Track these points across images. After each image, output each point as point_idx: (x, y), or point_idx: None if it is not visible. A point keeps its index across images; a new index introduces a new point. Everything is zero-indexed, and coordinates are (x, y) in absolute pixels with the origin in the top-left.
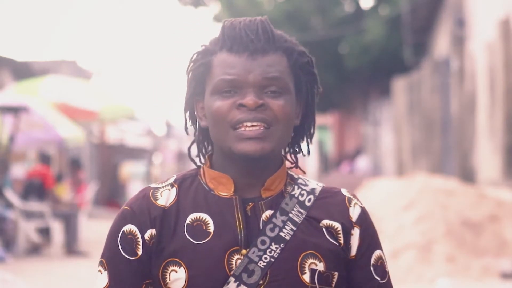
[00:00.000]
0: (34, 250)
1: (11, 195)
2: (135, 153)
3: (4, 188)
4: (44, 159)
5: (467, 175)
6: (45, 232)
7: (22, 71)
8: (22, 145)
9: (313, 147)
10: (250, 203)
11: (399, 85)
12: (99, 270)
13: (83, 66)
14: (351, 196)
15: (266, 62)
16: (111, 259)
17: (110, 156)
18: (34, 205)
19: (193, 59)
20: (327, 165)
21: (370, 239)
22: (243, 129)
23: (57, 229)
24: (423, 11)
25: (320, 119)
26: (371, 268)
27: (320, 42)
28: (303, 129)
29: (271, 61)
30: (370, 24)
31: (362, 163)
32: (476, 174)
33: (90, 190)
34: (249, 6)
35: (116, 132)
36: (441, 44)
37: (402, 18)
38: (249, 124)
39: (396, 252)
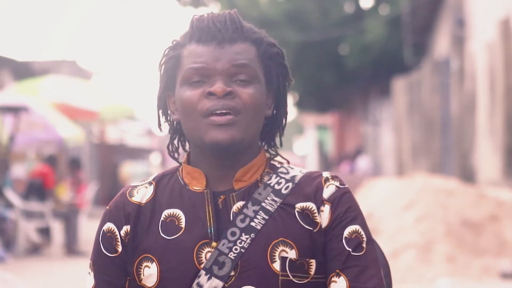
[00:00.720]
0: (34, 250)
1: (11, 195)
2: (135, 153)
3: (4, 188)
4: (50, 159)
5: (467, 175)
6: (45, 232)
7: (22, 71)
8: (22, 145)
9: (313, 147)
10: (221, 196)
11: (399, 85)
12: (88, 272)
13: (83, 66)
14: (329, 177)
15: (234, 50)
16: (95, 259)
17: (110, 156)
18: (34, 205)
19: (164, 53)
20: (327, 165)
21: (344, 215)
22: (212, 117)
23: (57, 229)
24: (423, 11)
25: (320, 119)
26: (343, 241)
27: (320, 42)
28: (275, 122)
29: (239, 49)
30: (370, 24)
31: (362, 163)
32: (476, 174)
33: (90, 190)
34: (249, 6)
35: (116, 132)
36: (441, 44)
37: (402, 18)
38: (218, 112)
39: (396, 252)
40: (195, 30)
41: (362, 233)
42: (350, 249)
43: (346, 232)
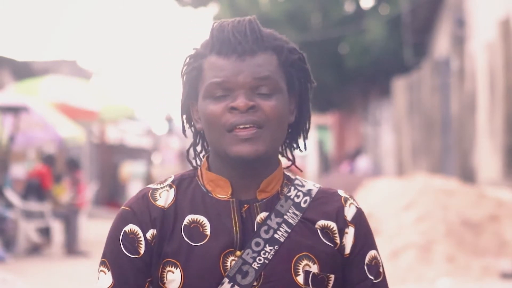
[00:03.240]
0: (34, 250)
1: (11, 195)
2: (135, 153)
3: (4, 188)
4: (48, 159)
5: (467, 175)
6: (45, 232)
7: (22, 71)
8: (22, 145)
9: (313, 147)
10: (245, 205)
11: (399, 85)
12: (102, 271)
13: (83, 66)
14: (347, 196)
15: (255, 62)
16: (113, 259)
17: (110, 156)
18: (34, 205)
19: (186, 62)
20: (327, 165)
21: (365, 239)
22: (236, 131)
23: (57, 229)
24: (423, 11)
25: (320, 119)
26: (365, 268)
27: (320, 42)
28: (298, 126)
29: (260, 61)
30: (370, 24)
31: (362, 163)
32: (476, 174)
33: (90, 190)
34: (249, 6)
35: (116, 132)
36: (441, 44)
37: (402, 18)
38: (241, 126)
39: (396, 252)
40: (215, 41)
41: (379, 258)
42: (372, 277)
43: (367, 259)
